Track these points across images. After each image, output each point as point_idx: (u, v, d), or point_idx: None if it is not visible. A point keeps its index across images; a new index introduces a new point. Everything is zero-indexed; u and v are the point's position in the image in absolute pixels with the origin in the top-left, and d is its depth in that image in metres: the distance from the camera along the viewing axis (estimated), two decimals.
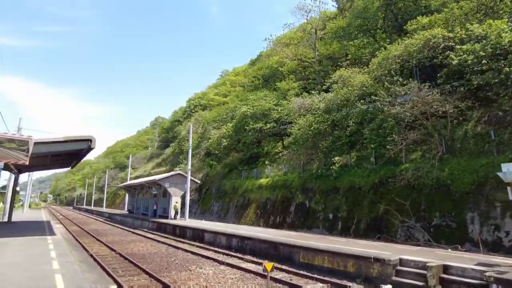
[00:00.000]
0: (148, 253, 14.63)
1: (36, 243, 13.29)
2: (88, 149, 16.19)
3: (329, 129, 23.98)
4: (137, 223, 30.34)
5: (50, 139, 14.51)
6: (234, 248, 15.47)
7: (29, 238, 15.03)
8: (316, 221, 23.16)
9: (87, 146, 15.44)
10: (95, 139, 15.09)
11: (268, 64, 51.06)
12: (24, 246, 12.46)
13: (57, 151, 16.06)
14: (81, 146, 15.61)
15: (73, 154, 18.30)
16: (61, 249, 11.68)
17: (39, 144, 13.94)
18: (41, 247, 12.09)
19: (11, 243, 13.25)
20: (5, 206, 30.27)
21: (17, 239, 14.56)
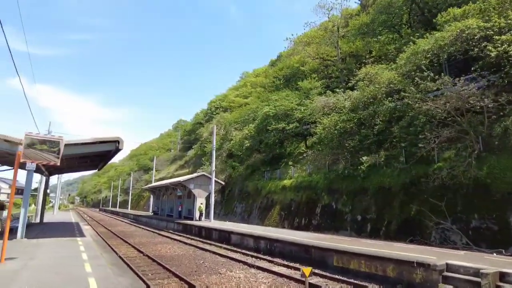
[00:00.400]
0: (176, 255, 14.52)
1: (67, 244, 13.51)
2: (115, 150, 16.28)
3: (356, 128, 23.27)
4: (162, 225, 30.55)
5: (79, 140, 14.75)
6: (262, 250, 15.17)
7: (61, 239, 15.30)
8: (343, 223, 22.51)
9: (115, 147, 15.55)
10: (122, 140, 15.17)
11: (289, 64, 50.54)
12: (56, 247, 12.62)
13: (86, 152, 16.29)
14: (109, 147, 15.73)
15: (101, 155, 18.58)
16: (92, 251, 11.76)
17: (68, 145, 14.11)
18: (72, 249, 12.25)
19: (44, 244, 13.48)
20: (37, 207, 31.31)
21: (49, 240, 14.86)
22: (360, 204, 21.95)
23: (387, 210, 19.92)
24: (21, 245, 13.19)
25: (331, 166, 26.65)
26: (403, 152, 20.77)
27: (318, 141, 27.18)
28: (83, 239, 15.62)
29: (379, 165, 22.00)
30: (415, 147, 19.00)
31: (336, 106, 26.52)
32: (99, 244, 14.21)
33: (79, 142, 14.91)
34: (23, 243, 13.87)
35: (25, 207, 14.84)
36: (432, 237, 16.70)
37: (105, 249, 13.26)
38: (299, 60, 47.86)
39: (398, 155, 21.39)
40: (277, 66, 55.19)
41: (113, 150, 16.24)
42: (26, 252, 11.41)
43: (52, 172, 25.81)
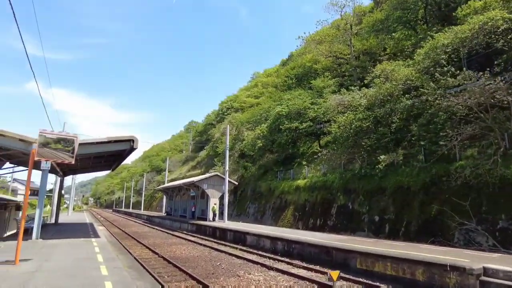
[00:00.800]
0: (192, 257, 14.25)
1: (82, 245, 13.42)
2: (130, 150, 16.10)
3: (372, 126, 22.69)
4: (175, 225, 30.43)
5: (93, 139, 14.64)
6: (279, 252, 14.75)
7: (76, 240, 15.25)
8: (360, 224, 21.96)
9: (130, 146, 15.36)
10: (137, 139, 14.99)
11: (301, 63, 50.05)
12: (71, 248, 12.56)
13: (100, 152, 16.16)
14: (123, 146, 15.58)
15: (115, 155, 18.53)
16: (107, 253, 11.57)
17: (83, 145, 14.00)
18: (87, 250, 12.12)
19: (59, 245, 13.41)
20: (52, 208, 31.68)
21: (64, 241, 14.80)
22: (377, 204, 21.37)
23: (406, 211, 19.31)
24: (36, 246, 13.10)
25: (346, 165, 26.12)
26: (422, 151, 20.15)
27: (333, 140, 26.67)
28: (98, 240, 15.45)
29: (397, 164, 21.39)
30: (435, 145, 18.36)
31: (351, 104, 25.96)
32: (114, 245, 14.16)
33: (94, 141, 14.76)
34: (38, 244, 13.77)
35: (40, 207, 14.71)
36: (455, 238, 16.05)
37: (121, 250, 12.93)
38: (311, 58, 47.36)
39: (416, 153, 20.77)
40: (289, 66, 54.75)
41: (127, 149, 16.06)
42: (41, 253, 11.29)
43: (67, 172, 25.98)
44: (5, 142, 13.23)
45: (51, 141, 12.36)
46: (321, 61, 44.99)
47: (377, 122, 22.87)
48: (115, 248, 13.65)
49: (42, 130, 12.75)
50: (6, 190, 56.87)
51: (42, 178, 14.78)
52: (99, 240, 15.47)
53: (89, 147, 14.84)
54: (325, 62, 42.98)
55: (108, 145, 15.09)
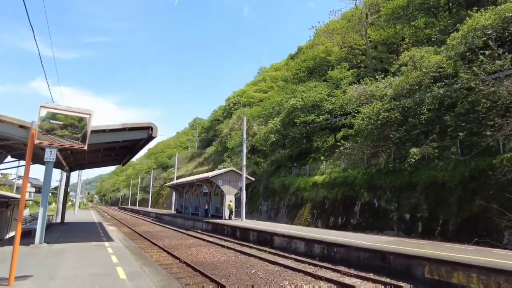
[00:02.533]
0: (218, 262, 12.60)
1: (95, 252, 11.38)
2: (148, 139, 14.35)
3: (401, 117, 21.05)
4: (188, 224, 28.89)
5: (107, 126, 12.76)
6: (317, 256, 13.08)
7: (86, 244, 13.25)
8: (389, 222, 20.41)
9: (147, 135, 13.60)
10: (156, 127, 13.29)
11: (313, 55, 48.32)
12: (82, 257, 10.39)
13: (113, 141, 14.41)
14: (140, 135, 13.73)
15: (129, 146, 16.93)
16: (128, 264, 9.35)
17: (94, 132, 12.37)
18: (103, 259, 9.98)
19: (67, 252, 11.39)
20: (58, 206, 29.90)
21: (73, 246, 12.82)
22: (407, 201, 19.80)
23: (442, 208, 17.72)
24: (40, 253, 10.96)
25: (368, 160, 24.55)
26: (458, 143, 18.52)
27: (355, 133, 25.07)
28: (112, 244, 13.55)
29: (428, 158, 19.78)
30: (477, 136, 16.71)
31: (374, 95, 24.33)
32: (133, 251, 11.82)
33: (106, 128, 12.81)
34: (42, 250, 11.65)
35: (44, 205, 12.47)
36: (504, 239, 14.46)
37: (144, 260, 10.20)
38: (323, 50, 45.64)
39: (451, 146, 19.14)
40: (300, 58, 53.01)
41: (144, 138, 14.19)
42: (45, 264, 9.15)
43: (73, 167, 24.24)
44: (3, 129, 11.36)
45: (57, 126, 10.73)
46: (335, 53, 43.29)
47: (405, 113, 21.20)
48: (135, 255, 11.01)
49: (45, 104, 10.84)
50: (10, 187, 55.79)
51: (46, 172, 12.60)
52: (114, 244, 13.54)
53: (101, 136, 12.99)
54: (339, 53, 41.26)
55: (123, 133, 13.26)
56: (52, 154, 11.94)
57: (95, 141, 13.13)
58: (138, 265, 8.96)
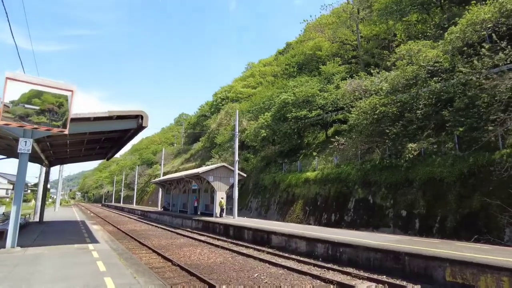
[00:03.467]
0: (214, 264, 11.50)
1: (78, 258, 9.62)
2: (137, 129, 12.80)
3: (397, 112, 20.62)
4: (176, 222, 27.71)
5: (91, 114, 11.01)
6: (320, 257, 12.22)
7: (67, 247, 11.52)
8: (384, 219, 20.01)
9: (137, 124, 12.08)
10: (147, 115, 11.73)
11: (302, 50, 47.79)
12: (63, 265, 8.60)
13: (98, 131, 12.98)
14: (128, 125, 12.20)
15: (115, 138, 15.49)
16: (118, 273, 7.75)
17: (77, 121, 10.91)
18: (88, 267, 8.31)
19: (44, 257, 9.67)
20: (37, 203, 28.03)
21: (51, 249, 11.09)
22: (404, 198, 19.42)
23: (440, 204, 17.39)
24: (10, 260, 8.98)
25: (362, 156, 24.12)
26: (456, 138, 18.22)
27: (349, 128, 24.55)
28: (98, 246, 11.96)
29: (425, 153, 19.42)
30: (477, 132, 16.38)
31: (369, 89, 23.87)
32: (121, 255, 10.26)
33: (91, 117, 11.08)
34: (13, 256, 9.65)
35: (17, 203, 10.73)
36: (506, 236, 14.15)
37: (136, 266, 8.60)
38: (313, 45, 45.15)
39: (448, 141, 18.84)
40: (289, 53, 52.38)
41: (133, 128, 12.61)
42: (14, 277, 7.30)
43: (53, 162, 22.46)
44: None
45: (32, 112, 9.43)
46: (325, 48, 42.87)
47: (402, 107, 20.79)
48: (125, 260, 9.45)
49: (12, 75, 8.98)
50: None
51: (20, 165, 10.95)
52: (100, 247, 11.80)
53: (84, 125, 11.51)
54: (330, 48, 40.82)
55: (109, 122, 11.70)
56: (27, 145, 10.50)
57: (78, 131, 11.83)
58: (129, 273, 7.78)
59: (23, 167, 11.01)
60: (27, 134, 10.64)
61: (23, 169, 11.02)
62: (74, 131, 11.42)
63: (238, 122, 46.44)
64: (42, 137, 12.15)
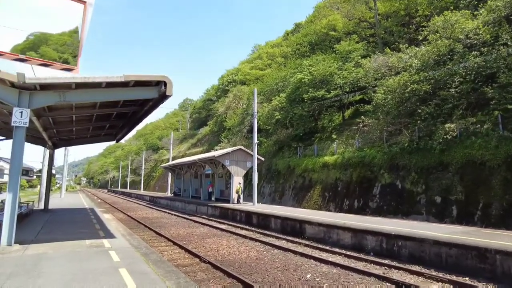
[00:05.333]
0: (250, 260, 9.63)
1: (93, 260, 7.50)
2: (158, 99, 10.43)
3: (430, 91, 18.92)
4: (190, 208, 26.30)
5: (103, 78, 8.80)
6: (372, 251, 10.46)
7: (78, 244, 9.39)
8: (415, 206, 18.58)
9: (158, 93, 9.80)
10: (171, 82, 9.52)
11: (315, 29, 45.59)
12: (72, 274, 6.44)
13: (110, 101, 10.81)
14: (148, 93, 9.96)
15: (129, 114, 13.38)
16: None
17: (84, 87, 8.98)
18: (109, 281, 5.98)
19: (49, 260, 7.44)
20: (41, 189, 26.28)
21: (58, 246, 9.04)
22: (438, 182, 17.92)
23: (482, 190, 15.88)
24: (3, 268, 6.81)
25: (388, 139, 22.55)
26: (500, 117, 16.55)
27: (374, 109, 22.88)
28: (115, 243, 9.75)
29: (461, 134, 17.81)
30: None
31: (396, 67, 22.09)
32: (148, 257, 8.14)
33: (104, 82, 8.93)
34: (7, 261, 7.43)
35: (12, 190, 8.83)
36: None
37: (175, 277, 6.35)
38: (327, 24, 42.95)
39: (488, 121, 17.20)
40: (300, 33, 50.12)
41: (154, 98, 10.36)
42: None
43: (58, 144, 20.41)
44: None
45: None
46: (340, 26, 40.74)
47: (436, 85, 19.07)
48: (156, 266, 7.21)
49: None
50: None
51: (16, 141, 8.88)
52: (117, 243, 9.68)
53: (94, 93, 9.44)
54: (346, 26, 38.68)
55: (124, 90, 9.52)
56: (24, 116, 8.51)
57: (86, 100, 9.90)
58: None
59: (19, 145, 8.97)
60: (23, 102, 8.78)
61: (18, 147, 8.94)
62: (81, 100, 9.63)
63: (248, 105, 44.88)
64: (42, 108, 10.37)
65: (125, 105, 11.82)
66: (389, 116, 20.89)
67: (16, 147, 8.95)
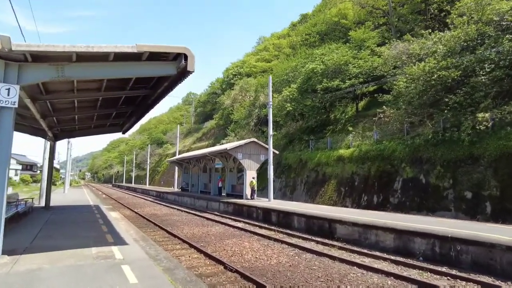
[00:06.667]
0: (282, 268, 8.24)
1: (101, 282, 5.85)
2: (178, 77, 8.70)
3: (459, 78, 17.57)
4: (200, 204, 25.04)
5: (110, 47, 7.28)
6: (421, 256, 9.03)
7: (82, 254, 7.68)
8: (442, 202, 17.35)
9: (177, 69, 8.17)
10: (193, 55, 7.91)
11: (324, 19, 44.04)
12: None
13: (120, 77, 8.96)
14: (164, 69, 8.39)
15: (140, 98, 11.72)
16: None
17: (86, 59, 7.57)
18: None
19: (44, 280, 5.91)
20: (42, 185, 23.89)
21: (57, 258, 7.30)
22: (467, 176, 16.66)
23: None
24: None
25: (409, 130, 21.29)
26: None
27: (394, 99, 21.56)
28: (127, 252, 8.02)
29: (495, 125, 16.50)
30: None
31: (418, 54, 20.71)
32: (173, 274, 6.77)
33: (111, 52, 7.43)
34: None
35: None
36: None
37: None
38: (337, 13, 41.42)
39: None
40: (309, 22, 48.57)
41: (172, 75, 8.65)
42: None
43: (59, 135, 18.73)
44: None
45: None
46: (350, 15, 39.23)
47: (465, 72, 17.71)
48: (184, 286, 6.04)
49: None
50: None
51: (2, 125, 7.16)
52: (130, 253, 7.97)
53: (99, 67, 7.85)
54: (358, 15, 37.19)
55: (136, 65, 8.05)
56: (12, 94, 6.79)
57: (89, 77, 8.24)
58: None
59: (7, 131, 7.17)
60: (10, 77, 7.02)
61: (6, 133, 7.14)
62: (83, 76, 8.03)
63: (255, 97, 43.58)
64: (36, 88, 8.90)
65: (135, 88, 10.37)
66: (411, 106, 19.58)
67: (3, 133, 7.17)
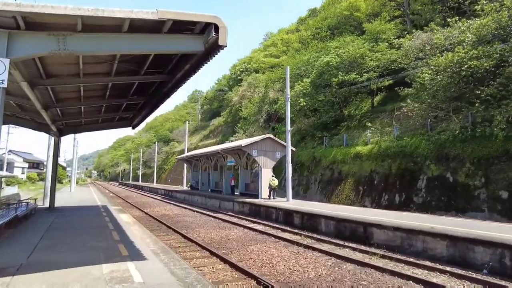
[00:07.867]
0: (326, 284, 7.02)
1: None
2: (204, 54, 7.14)
3: (492, 68, 16.36)
4: (212, 204, 23.97)
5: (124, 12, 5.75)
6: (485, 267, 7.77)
7: (90, 276, 6.08)
8: (473, 202, 16.20)
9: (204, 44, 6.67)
10: (225, 26, 6.35)
11: (335, 12, 42.79)
12: None
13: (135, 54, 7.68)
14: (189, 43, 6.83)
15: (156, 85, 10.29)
16: None
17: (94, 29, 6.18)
18: None
19: None
20: (46, 183, 22.48)
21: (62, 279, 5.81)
22: (502, 175, 15.50)
23: None
24: None
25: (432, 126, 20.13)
26: None
27: (416, 92, 20.39)
28: (147, 270, 6.50)
29: None
30: None
31: (443, 44, 19.50)
32: None
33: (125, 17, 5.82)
34: None
35: None
36: None
37: None
38: (348, 6, 40.15)
39: None
40: (319, 16, 47.34)
41: (199, 52, 7.01)
42: None
43: (64, 130, 17.38)
44: None
45: None
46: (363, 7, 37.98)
47: (498, 62, 16.50)
48: None
49: None
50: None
51: None
52: (151, 273, 6.33)
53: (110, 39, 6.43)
54: (371, 7, 35.97)
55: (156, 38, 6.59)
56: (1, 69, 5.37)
57: (98, 51, 6.69)
58: None
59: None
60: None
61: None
62: (91, 50, 6.49)
63: (265, 92, 42.51)
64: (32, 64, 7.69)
65: (149, 72, 9.10)
66: (436, 100, 18.41)
67: None
